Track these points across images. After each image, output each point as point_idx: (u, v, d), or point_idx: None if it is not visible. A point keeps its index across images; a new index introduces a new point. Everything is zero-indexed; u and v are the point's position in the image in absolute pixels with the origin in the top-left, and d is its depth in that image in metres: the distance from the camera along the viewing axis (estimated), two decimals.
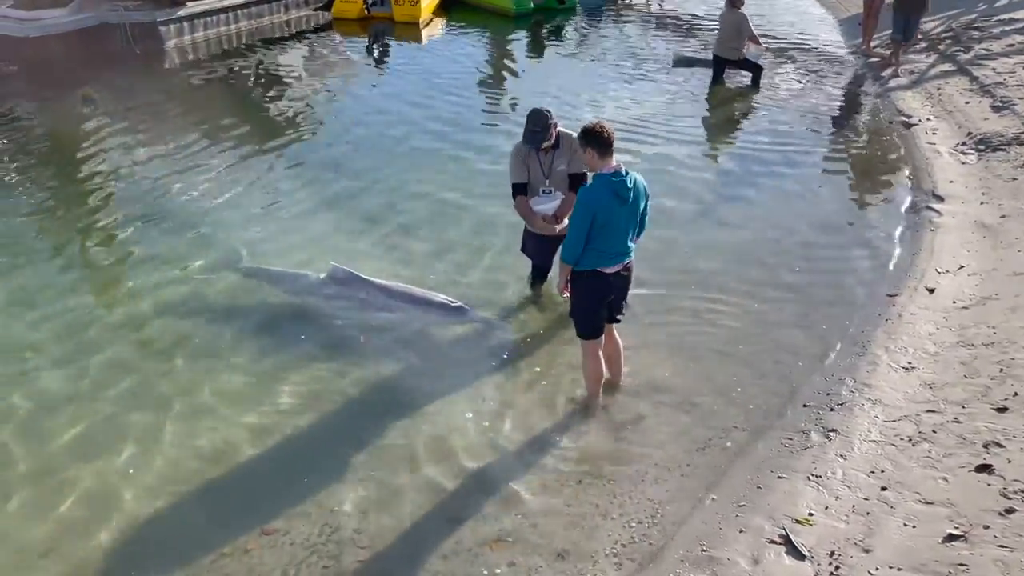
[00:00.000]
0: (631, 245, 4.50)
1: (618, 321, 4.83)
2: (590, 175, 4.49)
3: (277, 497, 4.16)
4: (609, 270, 4.46)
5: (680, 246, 6.77)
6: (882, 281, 6.23)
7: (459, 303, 5.74)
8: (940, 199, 7.54)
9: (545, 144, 5.16)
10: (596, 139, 4.23)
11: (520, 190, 5.36)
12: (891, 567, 3.41)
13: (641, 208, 4.46)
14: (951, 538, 3.49)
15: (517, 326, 5.68)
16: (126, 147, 9.05)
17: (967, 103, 9.78)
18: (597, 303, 4.57)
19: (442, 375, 5.14)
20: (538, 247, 5.66)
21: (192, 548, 3.87)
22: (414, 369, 5.22)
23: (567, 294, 4.72)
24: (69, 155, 8.79)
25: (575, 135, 5.21)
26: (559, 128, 5.21)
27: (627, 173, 4.30)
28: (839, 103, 10.93)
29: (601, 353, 4.77)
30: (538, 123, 5.06)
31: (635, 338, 5.47)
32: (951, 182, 7.87)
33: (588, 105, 10.50)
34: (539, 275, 5.92)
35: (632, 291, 5.91)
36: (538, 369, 5.21)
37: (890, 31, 12.39)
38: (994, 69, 10.51)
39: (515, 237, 5.79)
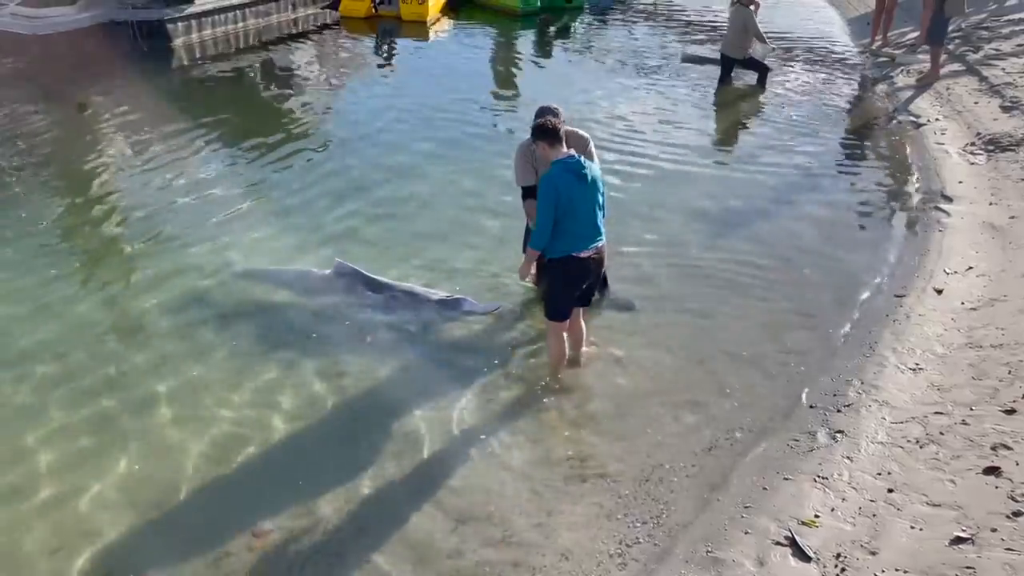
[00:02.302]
0: (601, 227, 4.70)
1: (588, 304, 5.10)
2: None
3: (281, 496, 4.16)
4: (584, 254, 4.64)
5: (685, 247, 6.75)
6: (890, 282, 6.20)
7: (458, 295, 5.79)
8: (949, 200, 7.50)
9: None
10: (545, 132, 4.59)
11: (530, 193, 5.26)
12: (897, 570, 3.38)
13: (600, 191, 4.70)
14: (958, 541, 3.46)
15: (519, 323, 5.67)
16: (131, 146, 9.06)
17: (976, 103, 9.72)
18: (572, 288, 4.77)
19: (446, 374, 5.14)
20: None
21: (196, 547, 3.87)
22: (417, 368, 5.22)
23: (528, 280, 4.96)
24: (74, 154, 8.81)
25: (583, 133, 5.21)
26: (565, 127, 5.16)
27: (579, 157, 4.59)
28: (847, 103, 10.89)
29: (565, 334, 5.01)
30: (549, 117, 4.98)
31: (642, 338, 5.48)
32: (960, 183, 7.83)
33: (595, 105, 10.47)
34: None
35: (638, 292, 5.97)
36: (542, 367, 5.19)
37: (902, 30, 12.37)
38: (1004, 69, 10.44)
39: (519, 233, 5.78)
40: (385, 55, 13.73)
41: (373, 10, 15.50)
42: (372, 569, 3.76)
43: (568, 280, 4.74)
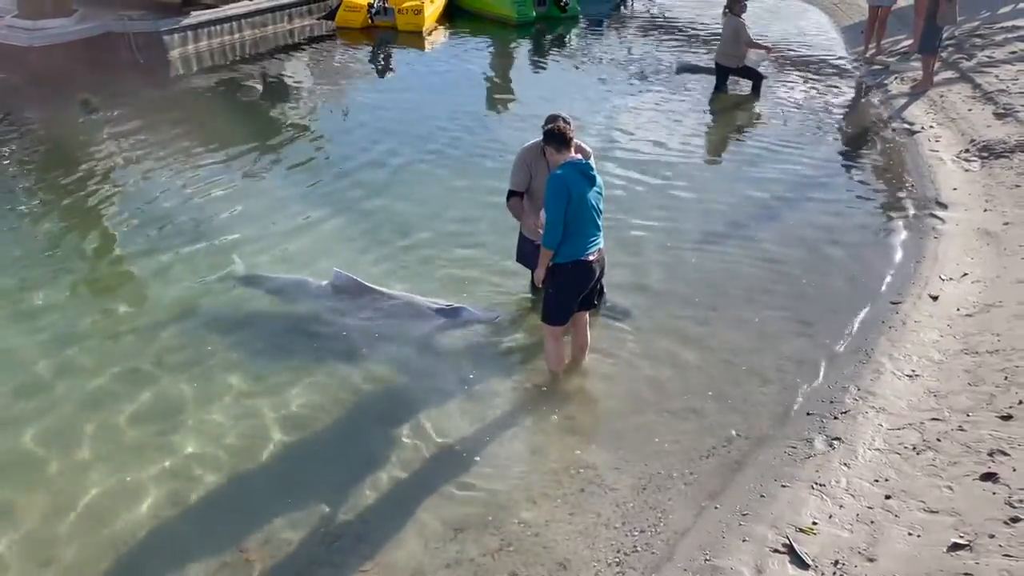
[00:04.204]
0: (601, 227, 4.79)
1: (596, 306, 5.15)
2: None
3: (277, 507, 4.15)
4: (590, 257, 4.71)
5: (681, 256, 6.77)
6: (886, 288, 6.22)
7: (456, 304, 5.80)
8: (943, 206, 7.53)
9: None
10: (553, 137, 4.72)
11: (514, 196, 5.36)
12: None
13: (601, 194, 4.80)
14: (956, 547, 3.46)
15: (518, 332, 5.68)
16: (130, 157, 9.06)
17: (970, 110, 9.78)
18: (577, 293, 4.82)
19: (443, 383, 5.14)
20: (535, 253, 5.63)
21: (193, 557, 3.86)
22: (415, 378, 5.21)
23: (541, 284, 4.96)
24: (73, 165, 8.79)
25: (587, 147, 5.21)
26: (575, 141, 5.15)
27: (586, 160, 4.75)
28: (841, 111, 10.94)
29: (570, 340, 5.16)
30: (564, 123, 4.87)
31: (639, 346, 5.49)
32: (954, 189, 7.87)
33: (590, 115, 10.50)
34: None
35: (635, 300, 5.99)
36: (539, 375, 5.20)
37: (895, 38, 12.43)
38: (997, 76, 10.51)
39: (515, 240, 5.80)
40: (381, 65, 13.76)
41: (369, 20, 15.53)
42: None
43: (575, 285, 4.79)
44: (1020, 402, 4.41)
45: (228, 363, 5.33)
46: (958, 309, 5.74)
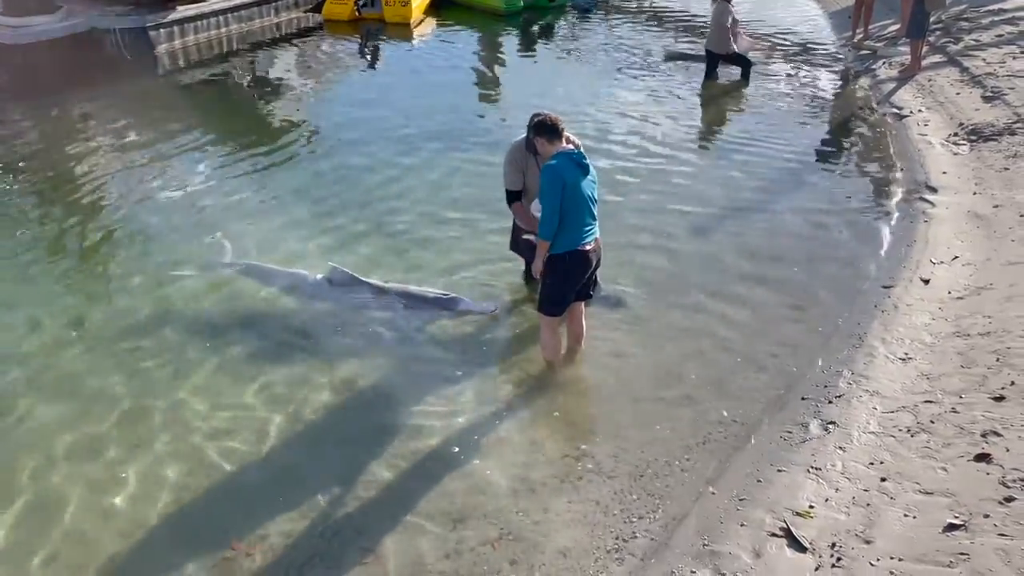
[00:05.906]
0: (596, 216, 4.79)
1: (591, 297, 5.14)
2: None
3: (277, 500, 4.16)
4: (587, 247, 4.71)
5: (673, 244, 6.78)
6: (877, 273, 6.26)
7: (452, 294, 5.82)
8: (933, 190, 7.56)
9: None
10: (545, 127, 4.69)
11: (515, 197, 5.35)
12: (892, 558, 3.42)
13: (596, 183, 4.80)
14: (951, 528, 3.50)
15: (514, 322, 5.69)
16: (118, 153, 9.01)
17: (958, 94, 9.81)
18: (574, 282, 4.81)
19: (439, 374, 5.14)
20: (530, 244, 5.65)
21: (193, 552, 3.87)
22: (411, 370, 5.22)
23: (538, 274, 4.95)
24: (60, 162, 8.74)
25: (576, 139, 5.21)
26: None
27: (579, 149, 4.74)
28: (830, 96, 10.96)
29: (566, 329, 5.18)
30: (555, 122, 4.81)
31: (633, 335, 5.51)
32: (944, 173, 7.90)
33: (580, 105, 10.48)
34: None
35: (628, 289, 6.00)
36: (535, 365, 5.21)
37: (883, 23, 12.44)
38: (984, 60, 10.54)
39: (506, 233, 5.80)
40: (369, 58, 13.70)
41: (356, 13, 15.44)
42: (370, 569, 3.77)
43: (572, 275, 4.78)
44: (1012, 383, 4.45)
45: (225, 357, 5.32)
46: (949, 292, 5.78)
